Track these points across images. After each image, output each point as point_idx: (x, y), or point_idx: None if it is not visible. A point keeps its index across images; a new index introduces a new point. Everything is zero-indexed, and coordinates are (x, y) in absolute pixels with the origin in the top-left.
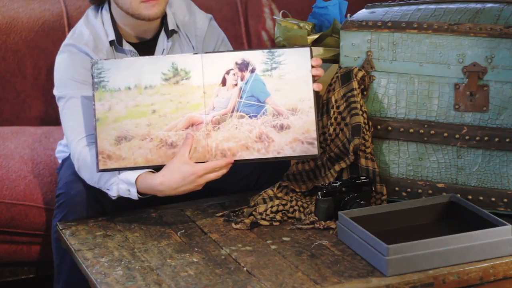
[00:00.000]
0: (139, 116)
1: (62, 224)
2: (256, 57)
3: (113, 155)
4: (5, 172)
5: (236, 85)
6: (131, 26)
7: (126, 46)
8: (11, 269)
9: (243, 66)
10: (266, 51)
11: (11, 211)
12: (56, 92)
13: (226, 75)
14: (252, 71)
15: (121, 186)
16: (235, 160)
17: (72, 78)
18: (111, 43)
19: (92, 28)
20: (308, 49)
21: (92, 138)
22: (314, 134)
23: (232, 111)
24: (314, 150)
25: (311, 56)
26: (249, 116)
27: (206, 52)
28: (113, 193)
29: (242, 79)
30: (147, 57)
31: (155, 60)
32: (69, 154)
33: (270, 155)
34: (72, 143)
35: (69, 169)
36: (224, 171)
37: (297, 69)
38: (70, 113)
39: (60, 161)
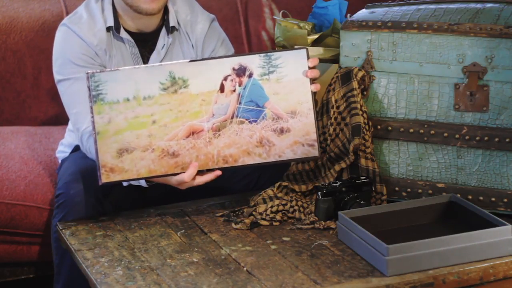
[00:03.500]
0: (139, 127)
1: (62, 224)
2: (253, 61)
3: (116, 168)
4: (5, 172)
5: (234, 91)
6: (131, 17)
7: (124, 34)
8: (11, 269)
9: (241, 72)
10: (262, 55)
11: (11, 211)
12: (55, 74)
13: (224, 82)
14: (250, 76)
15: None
16: (231, 167)
17: (69, 60)
18: (109, 29)
19: (91, 12)
20: (304, 51)
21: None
22: (314, 136)
23: (232, 117)
24: (314, 152)
25: (308, 58)
26: (249, 121)
27: (203, 59)
28: (124, 183)
29: (240, 85)
30: (143, 66)
31: (152, 69)
32: (69, 154)
33: (272, 159)
34: (78, 131)
35: (68, 169)
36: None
37: (295, 72)
38: (72, 99)
39: (60, 161)
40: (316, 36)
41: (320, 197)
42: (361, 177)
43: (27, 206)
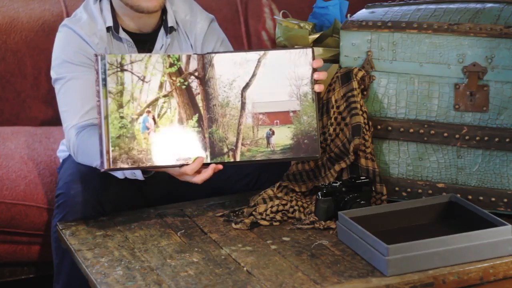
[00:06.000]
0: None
1: (62, 224)
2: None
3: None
4: (5, 172)
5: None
6: (130, 17)
7: (122, 34)
8: (11, 269)
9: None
10: (267, 51)
11: (11, 211)
12: (52, 73)
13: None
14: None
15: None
16: (228, 162)
17: (66, 60)
18: (108, 29)
19: (90, 13)
20: (310, 50)
21: (82, 125)
22: (315, 135)
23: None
24: (315, 151)
25: (313, 57)
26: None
27: (208, 53)
28: (119, 176)
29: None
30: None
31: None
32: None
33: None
34: (65, 130)
35: (69, 169)
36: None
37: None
38: (64, 97)
39: (61, 161)
40: (316, 36)
41: (320, 197)
42: (361, 177)
43: (27, 206)
